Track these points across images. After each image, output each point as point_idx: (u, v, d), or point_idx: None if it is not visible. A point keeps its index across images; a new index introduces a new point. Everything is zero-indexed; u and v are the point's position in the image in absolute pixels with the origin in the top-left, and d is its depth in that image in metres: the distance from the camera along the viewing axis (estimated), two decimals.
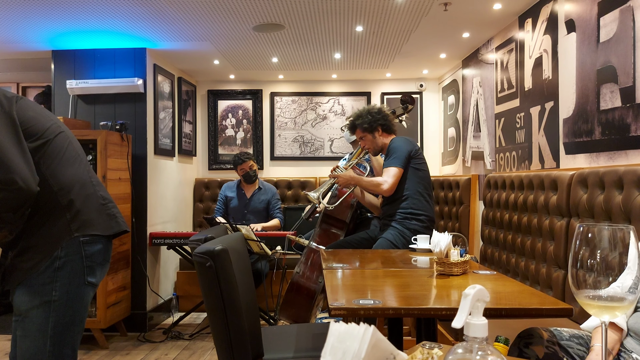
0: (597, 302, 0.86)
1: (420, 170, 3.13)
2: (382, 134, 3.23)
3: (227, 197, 4.71)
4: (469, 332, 0.81)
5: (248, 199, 4.65)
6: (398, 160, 3.05)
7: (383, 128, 3.23)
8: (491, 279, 1.96)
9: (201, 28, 3.73)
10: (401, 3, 3.25)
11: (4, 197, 1.55)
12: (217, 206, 4.77)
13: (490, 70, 4.00)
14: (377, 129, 3.21)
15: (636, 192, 2.05)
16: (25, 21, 3.54)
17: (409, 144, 3.13)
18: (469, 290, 0.82)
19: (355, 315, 1.48)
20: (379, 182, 3.06)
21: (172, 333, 4.02)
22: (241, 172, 4.62)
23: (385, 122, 3.23)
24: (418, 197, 3.07)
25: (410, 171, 3.09)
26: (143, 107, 4.21)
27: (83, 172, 1.83)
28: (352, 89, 5.64)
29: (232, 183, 4.80)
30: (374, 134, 3.22)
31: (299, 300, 3.26)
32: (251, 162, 4.61)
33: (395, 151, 3.09)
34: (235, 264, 1.77)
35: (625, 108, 2.31)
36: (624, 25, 2.31)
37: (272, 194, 4.72)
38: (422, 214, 3.05)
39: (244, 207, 4.64)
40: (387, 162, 3.10)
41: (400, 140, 3.16)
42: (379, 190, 3.09)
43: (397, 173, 3.04)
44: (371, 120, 3.19)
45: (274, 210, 4.68)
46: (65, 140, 1.82)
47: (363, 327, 0.64)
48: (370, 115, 3.20)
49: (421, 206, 3.07)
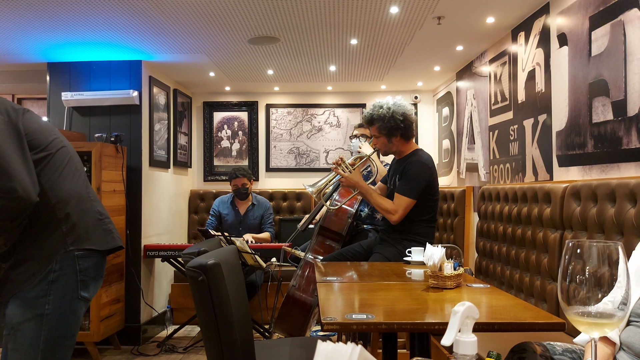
0: (586, 318, 0.86)
1: (431, 199, 2.97)
2: (399, 140, 3.01)
3: (220, 213, 4.71)
4: (458, 349, 0.81)
5: (242, 215, 4.65)
6: (414, 191, 2.87)
7: (401, 134, 3.00)
8: (485, 293, 1.96)
9: (197, 40, 3.75)
10: (395, 17, 3.27)
11: (3, 205, 1.56)
12: (209, 220, 4.75)
13: (484, 83, 4.02)
14: (397, 135, 2.99)
15: (628, 205, 2.05)
16: (21, 33, 3.55)
17: (428, 173, 2.92)
18: (458, 307, 0.82)
19: (348, 330, 1.47)
20: (389, 209, 2.89)
21: (166, 346, 3.99)
22: (233, 187, 4.64)
23: (406, 130, 2.99)
24: (422, 224, 2.97)
25: (422, 200, 2.92)
26: (138, 118, 4.22)
27: (81, 187, 1.84)
28: (348, 101, 5.66)
29: (226, 198, 4.79)
30: (390, 138, 3.00)
31: (295, 313, 3.24)
32: (244, 180, 4.59)
33: (414, 180, 2.88)
34: (228, 278, 1.76)
35: (617, 121, 2.33)
36: (615, 39, 2.34)
37: (265, 208, 4.72)
38: (422, 239, 2.93)
39: (239, 224, 4.64)
40: (403, 188, 2.88)
41: (422, 167, 2.92)
42: (388, 217, 2.93)
43: (409, 204, 2.87)
44: (393, 127, 2.95)
45: (266, 225, 4.68)
46: (66, 155, 1.83)
47: (350, 347, 0.64)
48: (393, 121, 2.94)
49: (422, 231, 2.97)
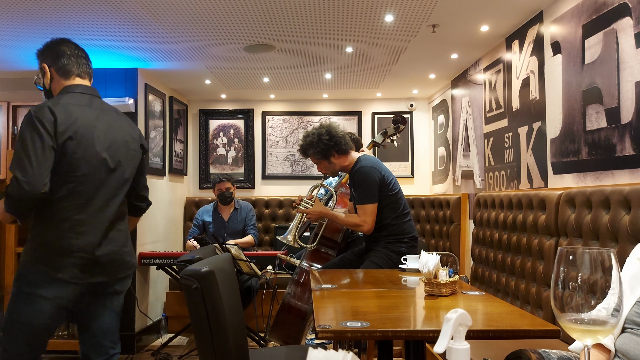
0: (579, 325, 0.86)
1: (392, 195, 3.00)
2: (338, 157, 3.08)
3: (204, 221, 4.70)
4: (451, 357, 0.80)
5: (226, 221, 4.65)
6: (369, 196, 2.93)
7: (337, 151, 3.07)
8: (480, 300, 1.95)
9: (192, 48, 3.76)
10: (390, 25, 3.29)
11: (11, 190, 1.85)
12: (191, 229, 4.74)
13: (478, 91, 4.04)
14: (332, 153, 3.06)
15: (622, 212, 2.06)
16: (17, 41, 3.55)
17: (374, 173, 2.96)
18: (451, 315, 0.82)
19: (343, 337, 1.47)
20: (357, 222, 2.95)
21: (161, 355, 3.96)
22: (217, 191, 4.64)
23: (337, 146, 3.05)
24: (397, 222, 2.99)
25: (383, 200, 2.96)
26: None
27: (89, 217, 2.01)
28: (343, 109, 5.68)
29: (209, 207, 4.79)
30: (329, 159, 3.08)
31: (290, 321, 3.22)
32: (228, 184, 4.62)
33: (364, 186, 2.95)
34: (223, 286, 1.75)
35: (610, 129, 2.34)
36: (608, 47, 2.36)
37: (247, 211, 4.72)
38: (404, 237, 2.98)
39: (223, 229, 4.63)
40: (359, 198, 2.97)
41: (366, 171, 2.97)
42: (360, 230, 3.00)
43: (372, 209, 2.93)
44: (323, 149, 3.04)
45: (249, 227, 4.68)
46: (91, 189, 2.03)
47: (342, 354, 0.64)
48: (322, 144, 3.03)
49: (402, 230, 3.00)
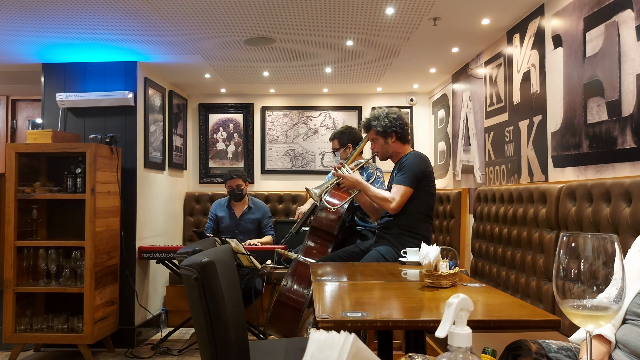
0: (581, 311, 0.86)
1: (428, 192, 3.04)
2: (395, 141, 3.14)
3: (217, 215, 4.69)
4: (452, 341, 0.80)
5: (238, 218, 4.63)
6: (410, 179, 2.96)
7: (397, 135, 3.12)
8: (480, 291, 1.95)
9: (192, 41, 3.75)
10: (391, 18, 3.28)
11: None
12: (207, 224, 4.73)
13: (479, 85, 4.03)
14: (392, 135, 3.11)
15: (623, 204, 2.06)
16: (15, 34, 3.53)
17: (423, 163, 3.03)
18: (453, 300, 0.82)
19: (343, 327, 1.46)
20: (387, 198, 2.95)
21: (160, 349, 3.97)
22: (228, 188, 4.61)
23: (402, 130, 3.12)
24: (419, 218, 3.01)
25: (419, 191, 2.99)
26: (133, 120, 4.20)
27: None
28: (343, 103, 5.66)
29: (223, 201, 4.76)
30: (387, 139, 3.13)
31: (286, 313, 3.22)
32: (239, 181, 4.57)
33: (409, 169, 2.98)
34: (223, 277, 1.75)
35: (611, 121, 2.33)
36: (609, 40, 2.35)
37: (262, 212, 4.69)
38: (420, 234, 2.99)
39: (235, 226, 4.62)
40: (399, 178, 3.00)
41: (416, 158, 3.05)
42: (385, 206, 2.99)
43: (407, 192, 2.95)
44: (388, 125, 3.09)
45: (266, 228, 4.65)
46: None
47: (343, 336, 0.63)
48: (387, 120, 3.09)
49: (421, 227, 3.01)
